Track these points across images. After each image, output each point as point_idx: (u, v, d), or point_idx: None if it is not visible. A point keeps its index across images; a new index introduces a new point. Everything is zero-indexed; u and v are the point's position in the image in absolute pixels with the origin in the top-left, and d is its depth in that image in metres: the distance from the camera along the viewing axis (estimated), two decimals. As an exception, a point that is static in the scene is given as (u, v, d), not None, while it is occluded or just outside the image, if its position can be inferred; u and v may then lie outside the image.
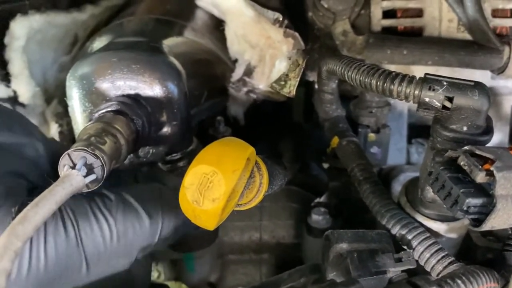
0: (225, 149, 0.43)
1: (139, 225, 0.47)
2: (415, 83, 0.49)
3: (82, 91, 0.63)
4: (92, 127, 0.52)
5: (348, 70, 0.55)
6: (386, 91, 0.50)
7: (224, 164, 0.41)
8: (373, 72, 0.51)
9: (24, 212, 0.37)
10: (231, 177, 0.40)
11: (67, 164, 0.44)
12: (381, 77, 0.50)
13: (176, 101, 0.65)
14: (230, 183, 0.40)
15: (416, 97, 0.48)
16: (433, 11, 0.78)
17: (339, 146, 0.68)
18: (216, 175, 0.40)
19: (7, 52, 0.78)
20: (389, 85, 0.50)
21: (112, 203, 0.47)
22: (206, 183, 0.40)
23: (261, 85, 0.81)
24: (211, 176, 0.40)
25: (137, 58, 0.64)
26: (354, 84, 0.55)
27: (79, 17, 0.95)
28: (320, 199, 0.70)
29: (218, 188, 0.40)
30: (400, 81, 0.49)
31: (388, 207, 0.57)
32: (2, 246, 0.34)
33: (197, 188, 0.41)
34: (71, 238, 0.43)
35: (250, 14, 0.72)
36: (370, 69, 0.52)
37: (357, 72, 0.53)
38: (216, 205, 0.41)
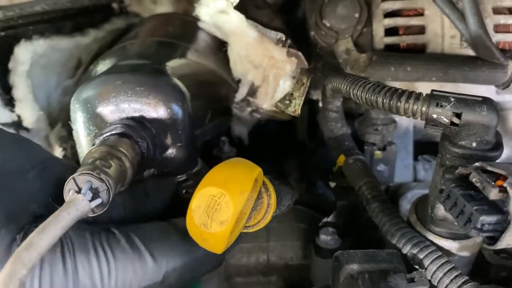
0: (232, 170, 0.42)
1: (140, 265, 0.46)
2: (422, 99, 0.48)
3: (87, 115, 0.63)
4: (97, 150, 0.52)
5: (353, 88, 0.54)
6: (393, 109, 0.50)
7: (231, 186, 0.40)
8: (379, 90, 0.51)
9: (30, 238, 0.36)
10: (239, 198, 0.40)
11: (72, 189, 0.44)
12: (387, 95, 0.50)
13: (181, 122, 0.65)
14: (238, 205, 0.40)
15: (424, 114, 0.48)
16: (435, 28, 0.78)
17: (345, 165, 0.68)
18: (224, 197, 0.40)
19: (11, 77, 0.78)
20: (396, 103, 0.49)
21: (115, 239, 0.46)
22: (213, 206, 0.40)
23: (265, 105, 0.81)
24: (219, 198, 0.40)
25: (141, 81, 0.64)
26: (359, 102, 0.55)
27: (83, 41, 0.96)
28: (328, 219, 0.69)
29: (226, 211, 0.40)
30: (407, 98, 0.49)
31: (398, 226, 0.56)
32: (7, 274, 0.33)
33: (205, 211, 0.40)
34: (67, 269, 0.42)
35: (253, 35, 0.72)
36: (375, 86, 0.52)
37: (362, 90, 0.53)
38: (224, 228, 0.40)
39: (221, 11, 0.78)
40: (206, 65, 0.87)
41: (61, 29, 0.92)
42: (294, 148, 1.03)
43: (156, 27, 0.99)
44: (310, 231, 0.69)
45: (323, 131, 0.75)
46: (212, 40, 1.00)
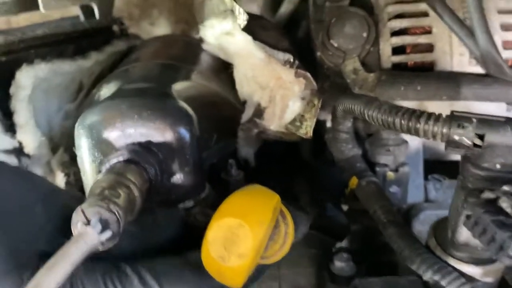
0: (249, 199, 0.40)
1: None
2: (442, 121, 0.47)
3: (91, 141, 0.61)
4: (104, 179, 0.50)
5: (368, 110, 0.53)
6: (412, 130, 0.48)
7: (250, 216, 0.38)
8: (396, 111, 0.50)
9: (37, 278, 0.34)
10: (258, 229, 0.38)
11: (81, 221, 0.42)
12: (405, 116, 0.49)
13: (189, 146, 0.63)
14: (258, 236, 0.38)
15: (445, 135, 0.46)
16: (443, 46, 0.77)
17: (359, 187, 0.66)
18: (243, 228, 0.38)
19: (13, 102, 0.76)
20: (415, 124, 0.48)
21: (128, 280, 0.44)
22: (231, 237, 0.38)
23: (272, 126, 0.80)
24: (237, 229, 0.38)
25: (147, 105, 0.62)
26: (375, 123, 0.53)
27: (84, 65, 0.94)
28: (342, 244, 0.66)
29: (245, 242, 0.37)
30: (426, 120, 0.47)
31: (417, 251, 0.54)
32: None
33: (222, 243, 0.38)
34: None
35: (261, 56, 0.71)
36: (392, 108, 0.50)
37: (378, 111, 0.52)
38: (243, 261, 0.38)
39: (227, 33, 0.77)
40: (211, 87, 0.86)
41: (63, 52, 0.91)
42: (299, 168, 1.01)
43: (158, 50, 0.98)
44: (323, 257, 0.67)
45: (333, 152, 0.73)
46: (215, 61, 0.99)
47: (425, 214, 0.77)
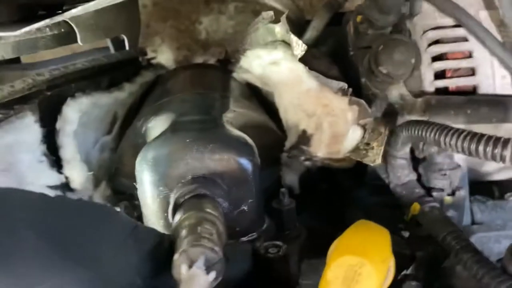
0: (366, 235, 0.40)
1: None
2: (530, 147, 0.47)
3: (156, 175, 0.60)
4: (188, 216, 0.49)
5: (445, 136, 0.53)
6: (497, 157, 0.49)
7: (371, 253, 0.37)
8: (478, 138, 0.50)
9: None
10: (381, 267, 0.37)
11: (185, 263, 0.40)
12: (490, 143, 0.49)
13: (252, 177, 0.63)
14: (382, 274, 0.37)
15: (534, 161, 0.47)
16: (485, 69, 0.78)
17: (422, 213, 0.65)
18: (365, 266, 0.37)
19: (60, 137, 0.75)
20: (501, 151, 0.48)
21: None
22: (353, 277, 0.37)
23: (320, 153, 0.80)
24: (359, 268, 0.37)
25: (211, 137, 0.62)
26: (452, 150, 0.53)
27: (120, 96, 0.94)
28: (407, 271, 0.66)
29: (368, 282, 0.37)
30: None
31: (500, 278, 0.53)
32: None
33: (343, 283, 0.37)
34: None
35: (313, 85, 0.71)
36: (473, 135, 0.51)
37: (457, 138, 0.52)
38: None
39: (273, 63, 0.78)
40: (251, 114, 0.86)
41: (100, 84, 0.90)
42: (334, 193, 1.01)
43: (192, 79, 0.98)
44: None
45: (389, 178, 0.73)
46: (244, 88, 0.99)
47: (476, 237, 0.76)
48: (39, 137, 0.73)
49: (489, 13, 0.81)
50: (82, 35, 0.84)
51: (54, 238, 0.38)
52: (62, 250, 0.38)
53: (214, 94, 0.87)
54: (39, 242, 0.37)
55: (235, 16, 1.74)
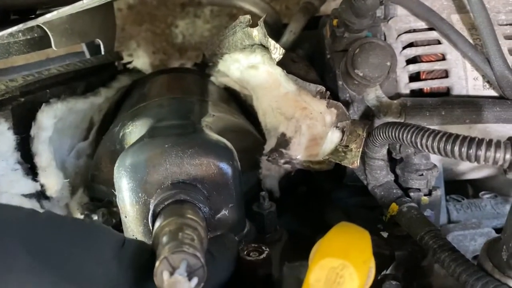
0: (347, 237, 0.40)
1: None
2: (504, 147, 0.48)
3: (135, 181, 0.60)
4: (168, 222, 0.48)
5: (421, 138, 0.54)
6: (472, 157, 0.50)
7: (353, 255, 0.38)
8: (453, 139, 0.51)
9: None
10: (363, 269, 0.37)
11: (166, 270, 0.40)
12: (465, 144, 0.50)
13: (232, 181, 0.63)
14: (363, 275, 0.37)
15: (507, 161, 0.48)
16: (458, 71, 0.80)
17: (400, 213, 0.66)
18: (347, 268, 0.37)
19: (34, 144, 0.74)
20: (476, 151, 0.49)
21: None
22: (335, 279, 0.37)
23: (299, 156, 0.80)
24: (341, 270, 0.37)
25: (190, 142, 0.62)
26: (427, 151, 0.54)
27: (96, 101, 0.93)
28: (387, 271, 0.66)
29: (350, 284, 0.37)
30: (487, 146, 0.49)
31: (476, 275, 0.54)
32: None
33: (325, 285, 0.37)
34: None
35: (291, 88, 0.71)
36: (448, 136, 0.52)
37: (433, 139, 0.53)
38: (350, 301, 0.37)
39: (251, 66, 0.78)
40: (230, 118, 0.86)
41: (75, 90, 0.89)
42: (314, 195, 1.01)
43: (170, 84, 0.97)
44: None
45: (367, 179, 0.74)
46: (222, 92, 0.99)
47: (452, 235, 0.78)
48: (13, 145, 0.71)
49: (460, 17, 0.83)
50: (56, 40, 0.82)
51: (44, 255, 0.38)
52: (52, 267, 0.38)
53: (192, 98, 0.86)
54: (30, 260, 0.37)
55: (211, 19, 1.74)
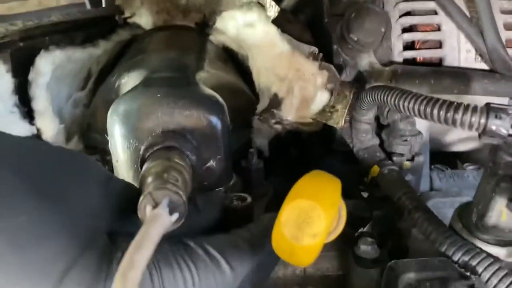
0: (318, 182, 0.42)
1: (220, 275, 0.45)
2: (479, 112, 0.50)
3: (126, 128, 0.62)
4: (155, 164, 0.51)
5: (404, 100, 0.56)
6: (449, 121, 0.52)
7: (322, 198, 0.40)
8: (433, 103, 0.53)
9: (130, 257, 0.35)
10: (330, 210, 0.40)
11: (150, 204, 0.43)
12: (443, 107, 0.52)
13: (221, 134, 0.65)
14: (330, 217, 0.40)
15: (482, 125, 0.50)
16: (452, 43, 0.81)
17: (381, 175, 0.69)
18: (316, 209, 0.40)
19: (32, 88, 0.75)
20: (453, 115, 0.51)
21: (193, 251, 0.45)
22: (304, 218, 0.40)
23: (290, 117, 0.82)
24: (310, 210, 0.40)
25: (182, 93, 0.64)
26: (409, 113, 0.56)
27: (94, 52, 0.94)
28: (364, 229, 0.70)
29: (318, 223, 0.40)
30: (464, 111, 0.51)
31: (446, 234, 0.57)
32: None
33: (295, 224, 0.40)
34: (155, 284, 0.41)
35: (285, 48, 0.73)
36: (429, 99, 0.54)
37: (414, 102, 0.55)
38: (317, 241, 0.40)
39: (248, 25, 0.79)
40: (224, 76, 0.87)
41: (74, 40, 0.90)
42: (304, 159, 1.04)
43: (168, 40, 0.98)
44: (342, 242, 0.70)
45: (353, 142, 0.76)
46: (219, 51, 1.00)
47: (433, 201, 0.81)
48: (11, 87, 0.73)
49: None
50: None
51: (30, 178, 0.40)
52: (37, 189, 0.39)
53: (189, 54, 0.87)
54: (17, 181, 0.38)
55: (215, -19, 1.72)
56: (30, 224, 0.36)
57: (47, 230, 0.37)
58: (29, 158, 0.42)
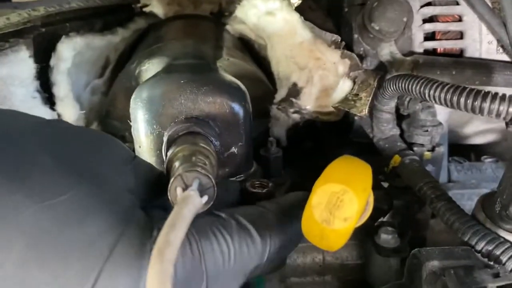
0: (350, 167, 0.42)
1: (252, 244, 0.46)
2: (508, 100, 0.50)
3: (150, 113, 0.62)
4: (182, 149, 0.51)
5: (430, 89, 0.56)
6: (476, 109, 0.52)
7: (354, 182, 0.40)
8: (461, 91, 0.53)
9: (165, 236, 0.35)
10: (362, 195, 0.40)
11: (180, 186, 0.43)
12: (471, 95, 0.52)
13: (243, 122, 0.65)
14: (363, 201, 0.40)
15: (510, 114, 0.50)
16: (473, 34, 0.81)
17: (402, 165, 0.69)
18: (348, 193, 0.40)
19: (53, 74, 0.76)
20: (480, 103, 0.51)
21: (227, 222, 0.46)
22: (336, 202, 0.40)
23: (309, 106, 0.82)
24: (342, 194, 0.40)
25: (205, 80, 0.64)
26: (435, 102, 0.56)
27: (113, 40, 0.94)
28: (384, 219, 0.70)
29: (350, 207, 0.40)
30: (492, 99, 0.51)
31: (469, 224, 0.57)
32: (161, 272, 0.32)
33: (326, 207, 0.40)
34: (196, 257, 0.42)
35: (307, 37, 0.72)
36: (456, 88, 0.53)
37: (441, 91, 0.55)
38: (348, 224, 0.40)
39: (269, 13, 0.78)
40: (243, 65, 0.87)
41: (93, 27, 0.90)
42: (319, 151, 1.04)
43: (186, 28, 0.98)
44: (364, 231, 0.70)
45: (373, 132, 0.76)
46: (236, 41, 1.00)
47: (451, 193, 0.80)
48: (33, 73, 0.73)
49: (481, -21, 0.83)
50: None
51: (65, 159, 0.40)
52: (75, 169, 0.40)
53: (207, 42, 0.87)
54: (49, 161, 0.39)
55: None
56: (72, 202, 0.37)
57: (89, 207, 0.37)
58: (58, 138, 0.43)
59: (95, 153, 0.44)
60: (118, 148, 0.47)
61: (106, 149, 0.45)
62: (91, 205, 0.37)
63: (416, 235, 0.74)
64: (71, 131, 0.45)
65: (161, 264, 0.33)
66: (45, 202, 0.36)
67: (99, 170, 0.42)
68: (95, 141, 0.46)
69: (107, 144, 0.46)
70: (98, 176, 0.41)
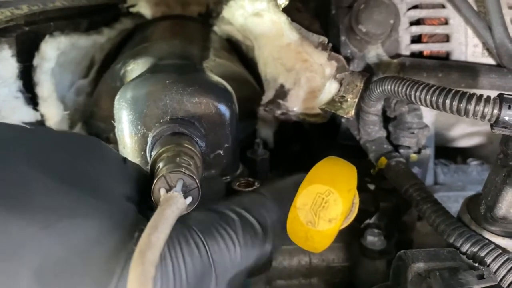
0: (335, 168, 0.42)
1: (255, 236, 0.46)
2: (493, 102, 0.50)
3: (135, 114, 0.61)
4: (168, 149, 0.50)
5: (415, 91, 0.56)
6: (461, 111, 0.52)
7: (339, 183, 0.40)
8: (446, 93, 0.53)
9: (147, 237, 0.35)
10: (347, 196, 0.40)
11: (164, 187, 0.42)
12: (456, 97, 0.52)
13: (229, 123, 0.64)
14: (347, 202, 0.40)
15: (494, 116, 0.50)
16: (459, 37, 0.81)
17: (388, 167, 0.69)
18: (332, 194, 0.39)
19: (37, 74, 0.75)
20: (466, 105, 0.51)
21: (229, 218, 0.46)
22: (320, 203, 0.40)
23: (296, 108, 0.82)
24: (327, 195, 0.39)
25: (191, 80, 0.63)
26: (421, 104, 0.56)
27: (98, 40, 0.93)
28: (371, 221, 0.70)
29: (334, 208, 0.39)
30: (477, 101, 0.51)
31: (454, 226, 0.57)
32: (140, 275, 0.31)
33: (311, 209, 0.40)
34: (203, 257, 0.42)
35: (294, 38, 0.72)
36: (442, 89, 0.53)
37: (427, 92, 0.55)
38: (333, 226, 0.40)
39: (256, 14, 0.78)
40: (230, 66, 0.87)
41: (79, 26, 0.89)
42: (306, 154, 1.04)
43: (173, 29, 0.97)
44: (350, 233, 0.70)
45: (360, 134, 0.76)
46: (223, 42, 1.00)
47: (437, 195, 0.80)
48: (16, 72, 0.72)
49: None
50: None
51: (57, 172, 0.39)
52: (68, 184, 0.39)
53: (194, 43, 0.87)
54: (46, 179, 0.37)
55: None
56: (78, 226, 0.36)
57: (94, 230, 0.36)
58: (42, 146, 0.41)
59: (89, 162, 0.42)
60: (109, 153, 0.46)
61: (99, 156, 0.44)
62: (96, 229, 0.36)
63: (403, 237, 0.74)
64: (55, 138, 0.44)
65: (142, 266, 0.32)
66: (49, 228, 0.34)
67: (96, 181, 0.40)
68: (82, 145, 0.45)
69: (94, 147, 0.45)
70: (96, 189, 0.39)
